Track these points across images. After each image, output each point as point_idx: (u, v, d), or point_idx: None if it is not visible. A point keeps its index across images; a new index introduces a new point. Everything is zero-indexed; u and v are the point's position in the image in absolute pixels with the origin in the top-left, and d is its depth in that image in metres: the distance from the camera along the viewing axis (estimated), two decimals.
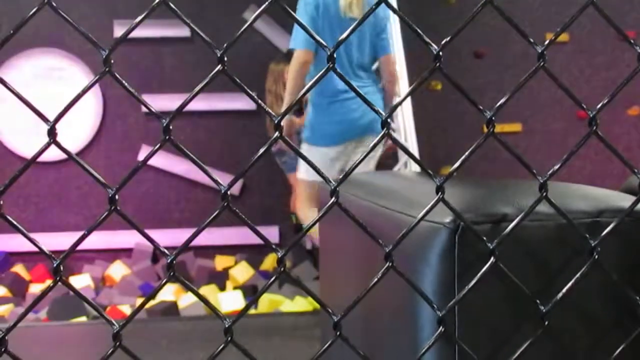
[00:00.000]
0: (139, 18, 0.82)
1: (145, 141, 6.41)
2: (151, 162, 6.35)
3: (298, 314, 4.86)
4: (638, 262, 0.93)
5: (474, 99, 0.90)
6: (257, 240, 6.45)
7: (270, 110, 0.89)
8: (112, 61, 0.81)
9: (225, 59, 0.87)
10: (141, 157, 6.37)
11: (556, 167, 0.86)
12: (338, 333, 0.85)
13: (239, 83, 0.88)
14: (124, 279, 5.94)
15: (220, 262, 6.22)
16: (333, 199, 0.86)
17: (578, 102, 0.90)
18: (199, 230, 0.85)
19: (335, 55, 0.81)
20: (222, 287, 5.77)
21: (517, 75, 6.52)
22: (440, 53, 0.87)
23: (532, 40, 0.90)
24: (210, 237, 6.04)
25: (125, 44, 0.82)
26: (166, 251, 0.85)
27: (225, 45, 0.87)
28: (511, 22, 0.89)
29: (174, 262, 0.83)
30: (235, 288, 5.71)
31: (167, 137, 0.82)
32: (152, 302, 5.46)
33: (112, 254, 6.35)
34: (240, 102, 6.38)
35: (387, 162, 4.92)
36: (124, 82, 0.82)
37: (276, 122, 0.84)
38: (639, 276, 0.91)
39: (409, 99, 4.82)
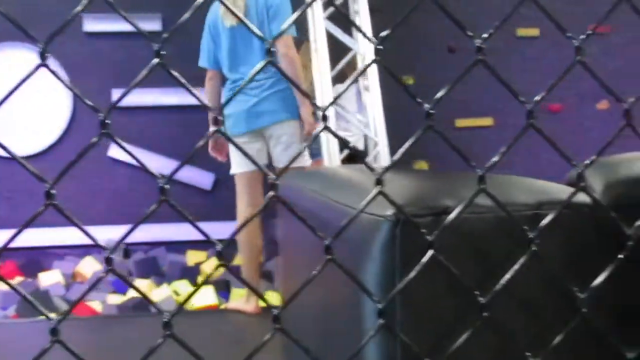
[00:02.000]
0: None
1: (115, 136, 6.39)
2: (123, 157, 6.32)
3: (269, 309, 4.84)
4: (578, 252, 0.93)
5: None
6: (228, 235, 6.44)
7: None
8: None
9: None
10: (111, 152, 6.35)
11: (494, 159, 0.87)
12: (278, 326, 0.85)
13: (180, 80, 0.89)
14: (95, 275, 5.91)
15: (192, 257, 6.21)
16: (271, 192, 0.86)
17: (517, 99, 0.91)
18: (136, 225, 0.85)
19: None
20: (194, 283, 5.76)
21: (486, 69, 6.54)
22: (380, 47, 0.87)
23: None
24: (182, 232, 6.02)
25: (95, 38, 0.82)
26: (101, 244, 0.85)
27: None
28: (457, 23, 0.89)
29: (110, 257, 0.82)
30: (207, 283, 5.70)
31: (103, 132, 0.82)
32: (123, 298, 5.44)
33: (83, 250, 6.31)
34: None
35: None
36: (59, 76, 0.82)
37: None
38: (579, 266, 0.91)
39: (378, 93, 4.83)
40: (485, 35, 0.90)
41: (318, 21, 4.73)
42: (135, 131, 6.59)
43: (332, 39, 4.88)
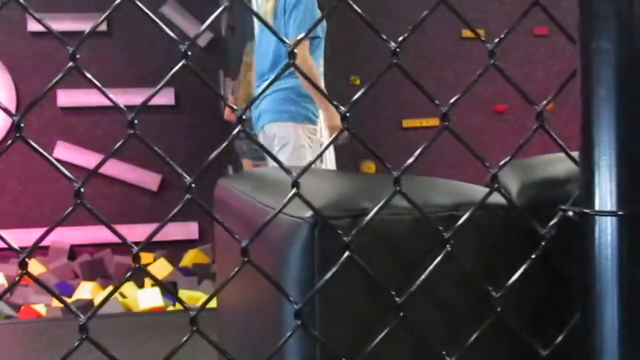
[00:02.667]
0: None
1: (61, 137, 6.31)
2: (68, 158, 6.24)
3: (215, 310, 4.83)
4: (493, 253, 0.95)
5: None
6: (176, 237, 6.41)
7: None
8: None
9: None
10: (57, 153, 6.27)
11: (409, 161, 0.88)
12: (194, 328, 0.85)
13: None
14: (40, 277, 5.84)
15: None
16: (187, 195, 0.86)
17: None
18: (51, 228, 0.85)
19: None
20: (141, 284, 5.72)
21: (434, 70, 6.62)
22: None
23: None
24: (128, 233, 5.97)
25: (41, 38, 0.82)
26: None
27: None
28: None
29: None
30: (153, 285, 5.66)
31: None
32: (68, 300, 5.38)
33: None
34: (159, 97, 6.32)
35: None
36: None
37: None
38: (495, 266, 0.93)
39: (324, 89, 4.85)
40: (400, 39, 0.91)
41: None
42: (83, 132, 6.53)
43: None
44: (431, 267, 0.88)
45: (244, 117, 0.89)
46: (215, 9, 0.95)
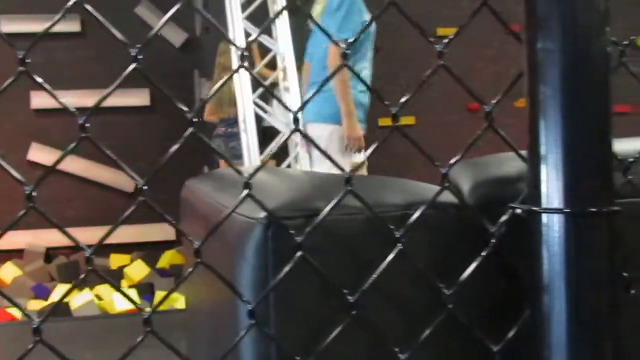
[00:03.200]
0: None
1: (35, 139, 6.28)
2: (44, 160, 6.22)
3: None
4: (446, 251, 0.96)
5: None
6: (153, 238, 6.39)
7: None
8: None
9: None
10: (31, 155, 6.25)
11: (360, 160, 0.89)
12: (149, 329, 0.86)
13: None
14: (16, 281, 5.80)
15: (115, 260, 6.15)
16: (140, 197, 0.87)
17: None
18: (2, 232, 0.85)
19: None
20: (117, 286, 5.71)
21: (411, 69, 6.65)
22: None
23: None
24: (103, 235, 5.96)
25: (14, 39, 0.83)
26: None
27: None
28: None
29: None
30: (130, 287, 5.65)
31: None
32: (44, 304, 5.35)
33: (3, 256, 6.20)
34: (134, 98, 6.30)
35: None
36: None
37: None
38: (447, 264, 0.94)
39: (298, 94, 4.86)
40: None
41: (237, 22, 4.74)
42: (57, 134, 6.50)
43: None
44: (382, 265, 0.90)
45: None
46: (189, 10, 0.96)
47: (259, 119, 4.98)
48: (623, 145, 1.03)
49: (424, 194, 0.95)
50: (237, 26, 4.79)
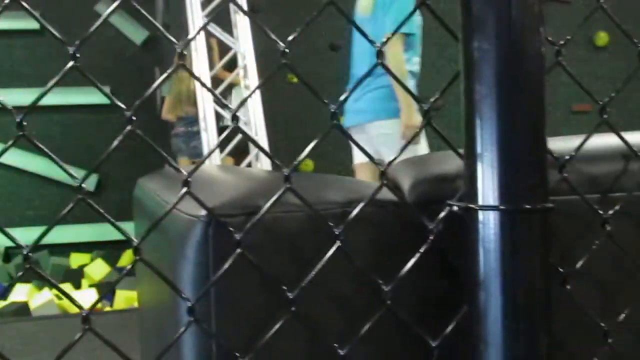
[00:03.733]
0: None
1: None
2: (3, 159, 6.15)
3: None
4: (386, 248, 0.97)
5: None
6: (114, 237, 6.35)
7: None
8: None
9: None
10: None
11: (300, 157, 0.90)
12: (87, 327, 0.86)
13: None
14: None
15: (76, 259, 6.10)
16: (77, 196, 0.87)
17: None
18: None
19: None
20: (78, 286, 5.67)
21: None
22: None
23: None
24: (65, 234, 5.91)
25: None
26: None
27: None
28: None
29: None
30: (91, 286, 5.62)
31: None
32: (3, 303, 5.30)
33: None
34: (96, 97, 6.25)
35: None
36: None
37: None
38: (388, 261, 0.96)
39: (258, 92, 4.86)
40: (290, 38, 0.93)
41: (197, 20, 4.72)
42: (15, 132, 6.42)
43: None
44: (322, 262, 0.90)
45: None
46: (150, 7, 0.96)
47: (218, 118, 4.97)
48: (562, 144, 1.05)
49: (365, 192, 0.96)
50: (197, 24, 4.77)
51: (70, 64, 0.86)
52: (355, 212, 0.93)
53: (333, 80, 6.45)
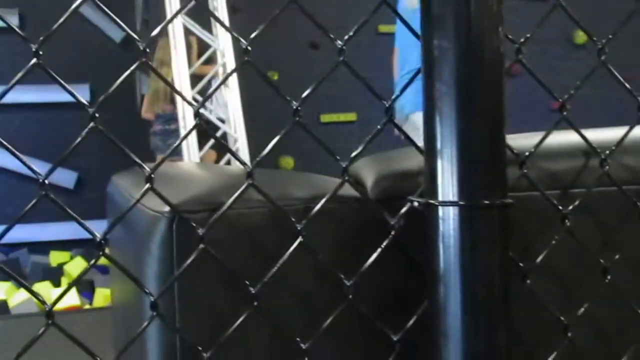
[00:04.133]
0: None
1: None
2: None
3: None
4: (350, 243, 0.99)
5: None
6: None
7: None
8: None
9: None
10: None
11: (263, 153, 0.91)
12: (50, 322, 0.87)
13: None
14: None
15: (55, 257, 6.08)
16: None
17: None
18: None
19: None
20: (57, 284, 5.65)
21: (351, 64, 6.66)
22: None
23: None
24: (44, 232, 5.90)
25: None
26: None
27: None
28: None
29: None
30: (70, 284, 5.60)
31: None
32: None
33: None
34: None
35: None
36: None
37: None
38: (350, 257, 0.97)
39: (237, 90, 4.87)
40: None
41: (177, 17, 4.72)
42: None
43: None
44: (283, 258, 0.91)
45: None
46: (128, 4, 0.96)
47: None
48: (525, 141, 1.06)
49: (328, 188, 0.97)
50: (176, 22, 4.77)
51: (33, 61, 0.87)
52: (317, 208, 0.94)
53: (312, 77, 6.46)
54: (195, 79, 4.89)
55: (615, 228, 1.06)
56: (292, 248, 0.92)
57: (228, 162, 4.89)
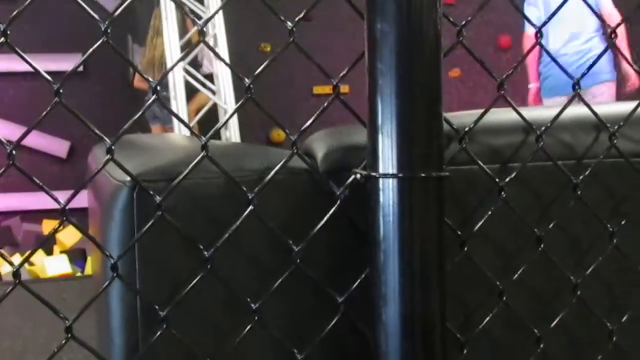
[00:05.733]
0: None
1: None
2: None
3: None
4: (300, 213, 1.05)
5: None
6: (85, 204, 6.41)
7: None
8: None
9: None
10: None
11: (217, 126, 0.98)
12: (17, 281, 0.94)
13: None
14: None
15: (48, 226, 6.16)
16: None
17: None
18: None
19: None
20: (50, 252, 5.72)
21: (345, 38, 6.73)
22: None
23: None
24: (37, 200, 5.95)
25: None
26: None
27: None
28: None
29: None
30: (62, 252, 5.67)
31: None
32: None
33: None
34: (67, 63, 6.27)
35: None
36: None
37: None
38: (302, 225, 1.03)
39: (227, 57, 4.91)
40: (297, 19, 1.00)
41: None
42: None
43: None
44: (235, 225, 0.98)
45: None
46: None
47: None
48: (469, 118, 1.13)
49: (279, 159, 1.03)
50: None
51: (1, 39, 0.93)
52: (267, 178, 1.01)
53: (307, 49, 6.50)
54: (189, 46, 4.94)
55: (551, 200, 1.13)
56: (243, 216, 0.99)
57: (217, 134, 4.95)
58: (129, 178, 1.01)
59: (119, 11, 1.01)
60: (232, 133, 4.90)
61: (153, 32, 5.59)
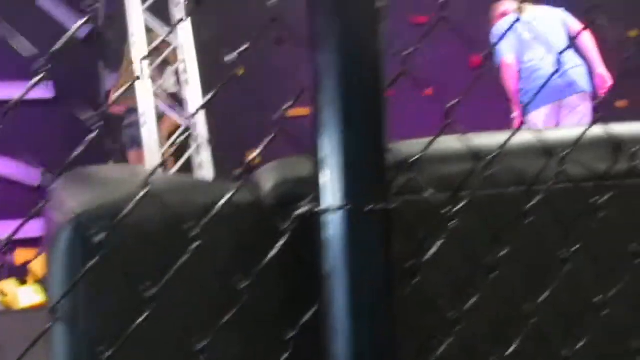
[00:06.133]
0: None
1: None
2: None
3: None
4: (248, 247, 1.04)
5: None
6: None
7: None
8: None
9: None
10: None
11: (182, 159, 0.97)
12: None
13: None
14: None
15: (21, 255, 6.09)
16: None
17: None
18: None
19: None
20: (23, 282, 5.66)
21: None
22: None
23: None
24: (10, 229, 5.89)
25: None
26: None
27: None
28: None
29: None
30: (36, 282, 5.61)
31: None
32: None
33: None
34: (37, 91, 6.22)
35: None
36: None
37: None
38: (250, 260, 1.02)
39: (199, 87, 4.90)
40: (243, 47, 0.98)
41: (136, 14, 4.74)
42: None
43: None
44: (178, 264, 0.97)
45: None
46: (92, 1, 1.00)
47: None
48: (418, 146, 1.12)
49: (226, 194, 1.02)
50: (137, 18, 4.79)
51: None
52: (213, 213, 0.99)
53: (280, 72, 6.50)
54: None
55: (502, 227, 1.12)
56: (188, 254, 0.97)
57: (188, 159, 4.92)
58: (71, 217, 0.99)
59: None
60: (202, 157, 4.85)
61: (128, 62, 5.57)
